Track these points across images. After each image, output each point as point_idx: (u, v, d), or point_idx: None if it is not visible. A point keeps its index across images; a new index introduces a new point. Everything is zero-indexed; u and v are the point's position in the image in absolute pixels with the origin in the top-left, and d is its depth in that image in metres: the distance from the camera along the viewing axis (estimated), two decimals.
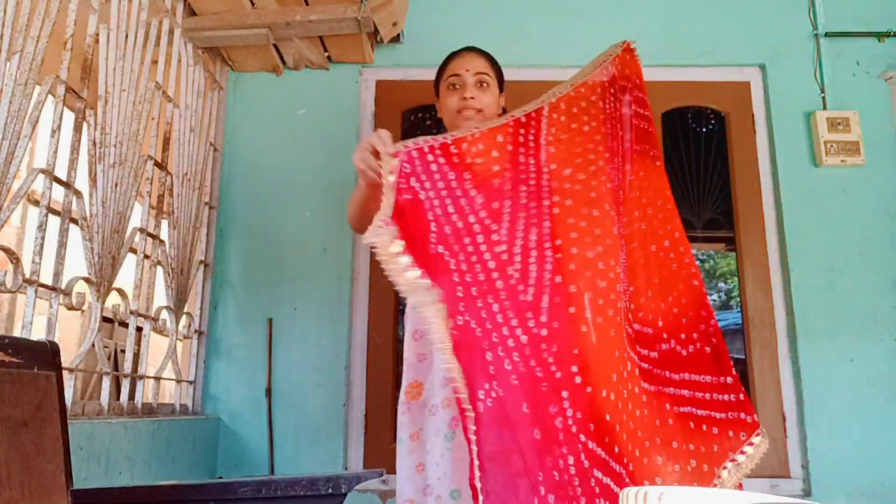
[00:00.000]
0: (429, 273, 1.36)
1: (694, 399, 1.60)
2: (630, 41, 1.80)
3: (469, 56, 1.84)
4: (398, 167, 1.46)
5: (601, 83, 1.73)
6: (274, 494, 1.28)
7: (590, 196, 1.59)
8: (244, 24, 2.57)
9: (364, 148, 1.52)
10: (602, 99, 1.72)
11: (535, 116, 1.66)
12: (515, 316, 1.46)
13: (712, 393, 1.60)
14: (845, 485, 2.48)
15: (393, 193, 1.41)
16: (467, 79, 1.79)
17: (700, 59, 2.91)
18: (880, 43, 2.86)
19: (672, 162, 2.92)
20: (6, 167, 1.56)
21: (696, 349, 1.64)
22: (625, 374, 1.50)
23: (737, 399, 1.60)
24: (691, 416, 1.58)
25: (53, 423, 1.16)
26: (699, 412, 1.59)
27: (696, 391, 1.60)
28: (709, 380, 1.61)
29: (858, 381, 2.57)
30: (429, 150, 1.53)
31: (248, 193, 2.82)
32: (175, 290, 2.40)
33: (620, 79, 1.76)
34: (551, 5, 2.95)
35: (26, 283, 1.62)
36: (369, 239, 1.34)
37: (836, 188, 2.74)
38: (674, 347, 1.64)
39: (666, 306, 1.67)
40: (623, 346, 1.52)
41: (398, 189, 1.44)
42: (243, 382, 2.66)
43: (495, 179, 1.58)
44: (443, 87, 1.85)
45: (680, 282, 1.68)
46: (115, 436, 1.85)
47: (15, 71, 1.60)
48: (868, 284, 2.65)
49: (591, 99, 1.71)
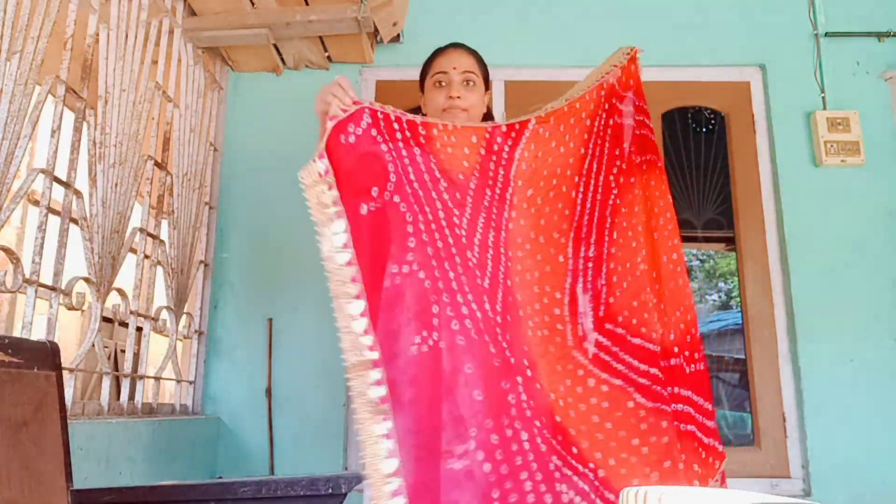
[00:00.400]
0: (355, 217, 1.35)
1: (695, 420, 1.61)
2: (637, 48, 1.78)
3: (456, 54, 1.82)
4: (354, 113, 1.42)
5: (598, 97, 1.72)
6: (274, 494, 1.28)
7: (539, 222, 1.62)
8: (244, 24, 2.57)
9: (325, 92, 1.47)
10: (593, 115, 1.71)
11: (518, 129, 1.65)
12: (472, 292, 1.45)
13: (704, 417, 1.62)
14: (845, 485, 2.48)
15: (332, 124, 1.39)
16: (454, 77, 1.77)
17: (700, 59, 2.91)
18: (880, 43, 2.86)
19: (672, 162, 2.92)
20: (6, 167, 1.56)
21: (696, 369, 1.65)
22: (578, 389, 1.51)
23: (714, 426, 1.63)
24: (693, 436, 1.59)
25: (53, 423, 1.16)
26: (698, 434, 1.60)
27: (696, 412, 1.61)
28: (702, 402, 1.63)
29: (858, 381, 2.57)
30: (395, 120, 1.51)
31: (248, 193, 2.82)
32: (175, 290, 2.40)
33: (622, 89, 1.74)
34: (551, 5, 2.95)
35: (26, 283, 1.62)
36: (301, 173, 1.35)
37: (836, 188, 2.74)
38: (681, 363, 1.64)
39: (675, 320, 1.67)
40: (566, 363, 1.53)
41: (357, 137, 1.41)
42: (243, 382, 2.65)
43: (461, 175, 1.57)
44: (428, 83, 1.83)
45: (685, 298, 1.69)
46: (115, 436, 1.85)
47: (15, 71, 1.60)
48: (868, 284, 2.65)
49: (581, 115, 1.70)
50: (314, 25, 2.59)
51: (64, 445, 1.17)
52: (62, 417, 1.18)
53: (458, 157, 1.58)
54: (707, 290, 3.81)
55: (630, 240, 1.66)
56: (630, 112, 1.74)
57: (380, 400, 1.25)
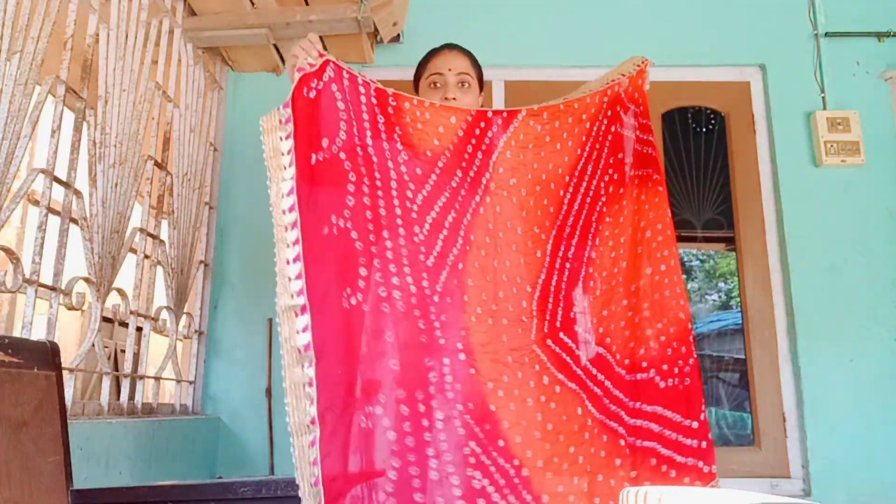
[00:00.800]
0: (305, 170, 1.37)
1: (661, 436, 1.58)
2: (649, 61, 1.79)
3: (451, 55, 1.82)
4: (319, 67, 1.46)
5: (601, 102, 1.71)
6: (274, 494, 1.29)
7: (520, 213, 1.62)
8: (244, 24, 2.57)
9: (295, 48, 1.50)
10: (594, 119, 1.70)
11: (506, 118, 1.65)
12: (410, 265, 1.46)
13: (678, 434, 1.58)
14: (845, 485, 2.48)
15: (298, 76, 1.43)
16: (449, 79, 1.77)
17: (700, 59, 2.91)
18: (880, 43, 2.86)
19: (672, 162, 2.92)
20: (6, 167, 1.56)
21: (672, 385, 1.62)
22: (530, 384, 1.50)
23: (699, 446, 1.58)
24: (654, 453, 1.56)
25: (53, 423, 1.16)
26: (663, 451, 1.57)
27: (665, 428, 1.58)
28: (678, 419, 1.59)
29: (858, 381, 2.56)
30: (363, 84, 1.53)
31: (248, 193, 2.82)
32: (175, 290, 2.40)
33: (627, 99, 1.74)
34: (551, 6, 2.95)
35: (26, 283, 1.62)
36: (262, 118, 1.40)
37: (836, 188, 2.74)
38: (652, 378, 1.61)
39: (654, 332, 1.65)
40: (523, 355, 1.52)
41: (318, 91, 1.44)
42: (243, 382, 2.65)
43: (428, 152, 1.57)
44: (423, 84, 1.83)
45: (670, 310, 1.67)
46: (115, 436, 1.85)
47: (15, 71, 1.60)
48: (868, 284, 2.65)
49: (581, 117, 1.69)
50: (314, 25, 2.58)
51: (64, 445, 1.17)
52: (62, 417, 1.19)
53: (429, 135, 1.57)
54: (707, 290, 3.81)
55: (610, 250, 1.66)
56: (632, 125, 1.74)
57: (304, 347, 1.28)
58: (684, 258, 3.21)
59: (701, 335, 3.10)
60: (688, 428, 1.59)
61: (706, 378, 2.93)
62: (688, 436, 1.58)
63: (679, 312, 1.66)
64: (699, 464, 1.57)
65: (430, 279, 1.48)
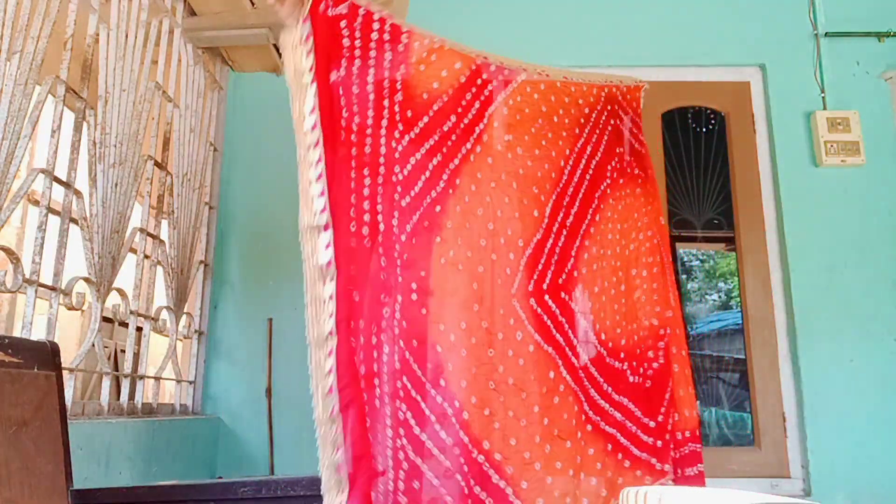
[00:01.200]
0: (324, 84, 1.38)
1: (623, 426, 1.63)
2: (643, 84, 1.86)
3: None
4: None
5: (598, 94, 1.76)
6: (274, 494, 1.29)
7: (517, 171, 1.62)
8: (244, 24, 2.57)
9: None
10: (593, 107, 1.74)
11: (507, 75, 1.66)
12: (383, 203, 1.47)
13: (638, 428, 1.64)
14: (845, 485, 2.48)
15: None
16: None
17: (700, 59, 2.91)
18: (880, 43, 2.86)
19: (672, 162, 2.92)
20: (6, 167, 1.56)
21: (639, 382, 1.68)
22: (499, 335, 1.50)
23: (654, 444, 1.64)
24: (611, 439, 1.60)
25: (53, 423, 1.16)
26: (622, 440, 1.62)
27: (627, 419, 1.64)
28: (639, 415, 1.65)
29: (858, 381, 2.56)
30: (378, 20, 1.53)
31: (248, 193, 2.82)
32: (175, 290, 2.40)
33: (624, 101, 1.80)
34: (551, 6, 2.95)
35: (26, 283, 1.62)
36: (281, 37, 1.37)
37: (836, 188, 2.74)
38: (625, 370, 1.67)
39: (631, 330, 1.70)
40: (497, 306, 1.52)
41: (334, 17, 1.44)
42: (243, 382, 2.65)
43: (425, 94, 1.57)
44: None
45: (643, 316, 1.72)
46: (115, 436, 1.84)
47: (15, 71, 1.60)
48: (868, 284, 2.65)
49: (579, 102, 1.73)
50: None
51: (64, 445, 1.17)
52: (62, 417, 1.18)
53: (430, 77, 1.58)
54: (707, 290, 3.80)
55: (606, 232, 1.70)
56: (629, 127, 1.79)
57: (326, 264, 1.32)
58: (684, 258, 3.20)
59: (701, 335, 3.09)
60: (646, 425, 1.65)
61: (706, 378, 2.93)
62: (645, 432, 1.64)
63: (652, 319, 1.71)
64: (652, 460, 1.63)
65: (400, 218, 1.49)
